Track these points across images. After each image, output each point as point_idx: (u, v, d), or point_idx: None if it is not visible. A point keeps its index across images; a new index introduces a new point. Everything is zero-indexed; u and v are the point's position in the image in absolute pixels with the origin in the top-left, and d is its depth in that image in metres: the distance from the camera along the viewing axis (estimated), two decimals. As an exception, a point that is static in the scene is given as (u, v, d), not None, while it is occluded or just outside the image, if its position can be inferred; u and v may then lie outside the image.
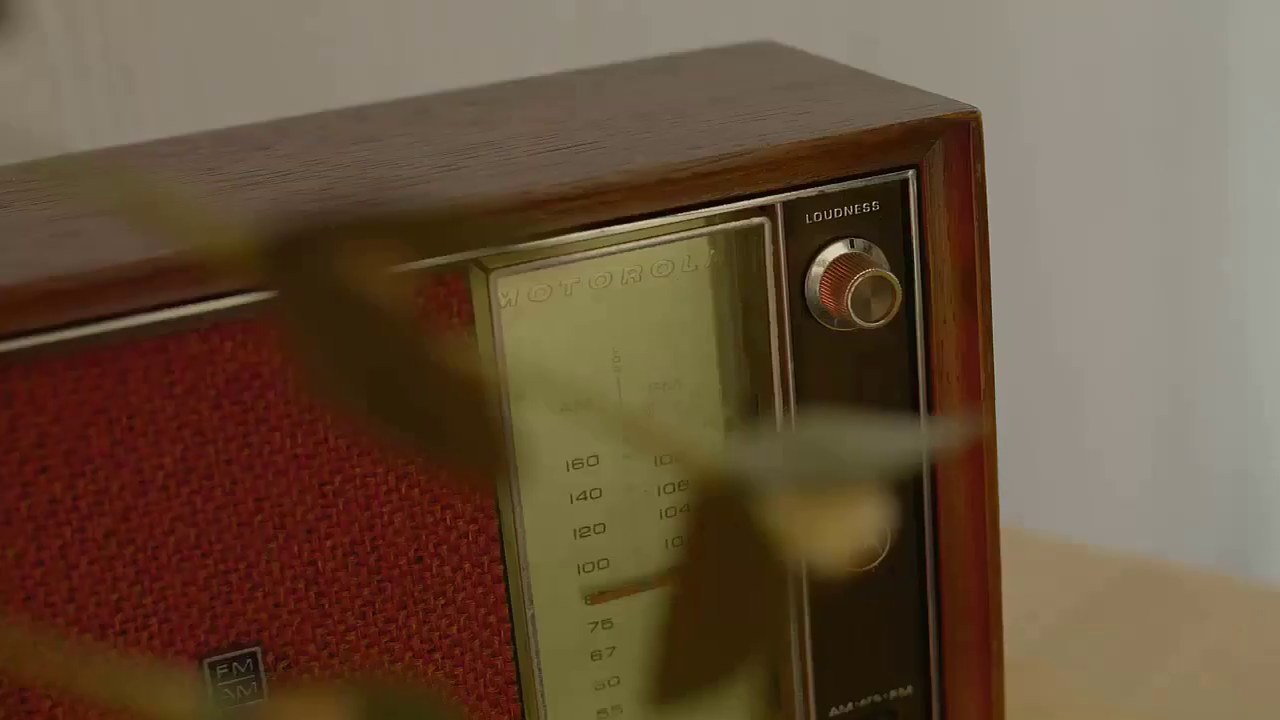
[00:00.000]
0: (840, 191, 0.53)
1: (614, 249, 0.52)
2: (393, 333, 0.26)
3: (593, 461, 0.54)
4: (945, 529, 0.57)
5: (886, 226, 0.54)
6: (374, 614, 0.52)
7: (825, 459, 0.29)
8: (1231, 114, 1.05)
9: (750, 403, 0.55)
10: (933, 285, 0.55)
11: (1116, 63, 1.01)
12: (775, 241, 0.53)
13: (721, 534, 0.29)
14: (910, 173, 0.54)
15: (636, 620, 0.56)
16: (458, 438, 0.27)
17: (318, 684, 0.46)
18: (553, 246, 0.51)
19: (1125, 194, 1.05)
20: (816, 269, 0.53)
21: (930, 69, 0.93)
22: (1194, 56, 1.03)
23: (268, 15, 0.81)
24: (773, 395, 0.54)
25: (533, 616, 0.53)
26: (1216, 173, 1.07)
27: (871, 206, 0.53)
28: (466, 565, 0.52)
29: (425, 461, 0.27)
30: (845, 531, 0.29)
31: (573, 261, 0.51)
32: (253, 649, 0.51)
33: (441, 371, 0.27)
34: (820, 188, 0.53)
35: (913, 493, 0.57)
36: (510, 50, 0.85)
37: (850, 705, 0.58)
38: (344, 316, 0.26)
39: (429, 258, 0.27)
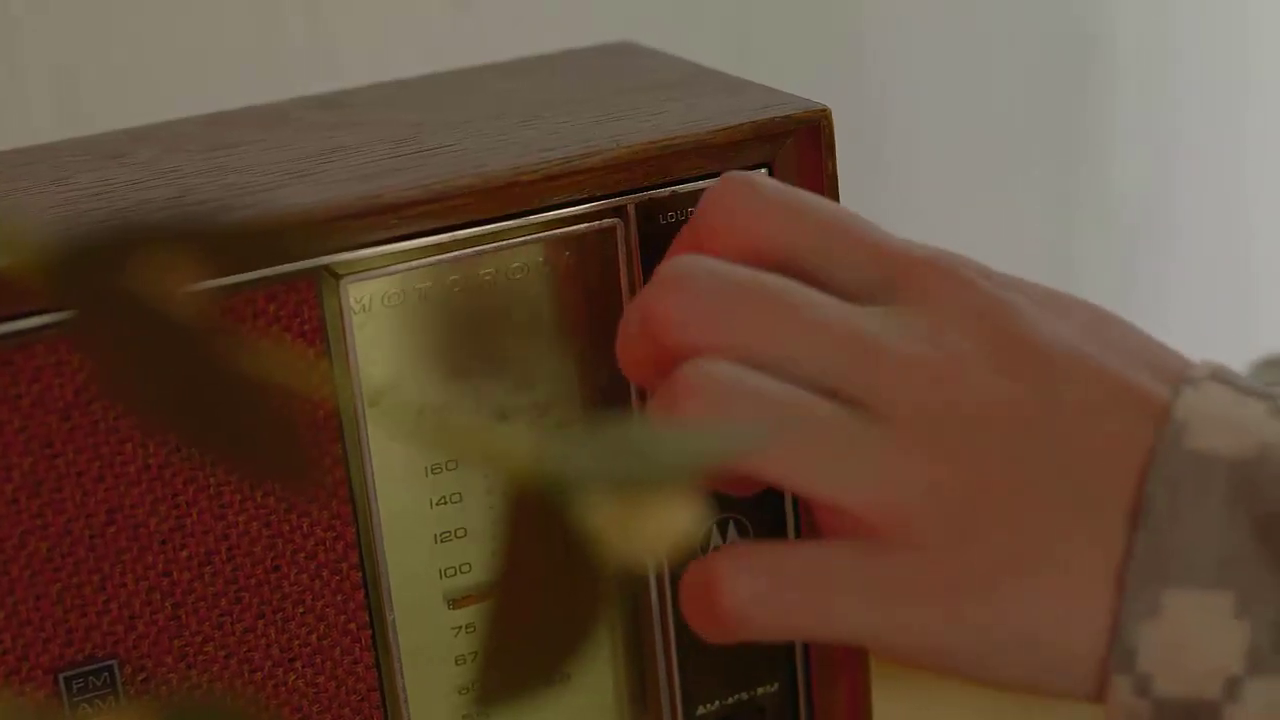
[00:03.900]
0: (693, 191, 0.53)
1: (467, 252, 0.52)
2: (191, 346, 0.26)
3: (452, 466, 0.54)
4: (809, 522, 0.57)
5: (741, 225, 0.54)
6: (232, 624, 0.51)
7: (639, 459, 0.29)
8: (1119, 102, 1.07)
9: (609, 403, 0.55)
10: (788, 283, 0.55)
11: (995, 50, 1.01)
12: (629, 242, 0.53)
13: (538, 535, 0.29)
14: (763, 171, 0.54)
15: (501, 623, 0.56)
16: (265, 453, 0.27)
17: (126, 701, 0.46)
18: (399, 251, 0.51)
19: (1002, 185, 1.06)
20: (671, 269, 0.53)
21: (793, 62, 0.94)
22: (1074, 42, 1.04)
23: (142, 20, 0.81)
24: (630, 395, 0.54)
25: (394, 622, 0.53)
26: (1101, 163, 1.08)
27: (725, 206, 0.53)
28: (324, 573, 0.52)
29: (236, 477, 0.27)
30: (659, 532, 0.29)
31: (425, 266, 0.51)
32: (109, 662, 0.50)
33: (246, 385, 0.27)
34: (673, 188, 0.53)
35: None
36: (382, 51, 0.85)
37: (717, 703, 0.58)
38: (140, 330, 0.26)
39: (231, 272, 0.27)
